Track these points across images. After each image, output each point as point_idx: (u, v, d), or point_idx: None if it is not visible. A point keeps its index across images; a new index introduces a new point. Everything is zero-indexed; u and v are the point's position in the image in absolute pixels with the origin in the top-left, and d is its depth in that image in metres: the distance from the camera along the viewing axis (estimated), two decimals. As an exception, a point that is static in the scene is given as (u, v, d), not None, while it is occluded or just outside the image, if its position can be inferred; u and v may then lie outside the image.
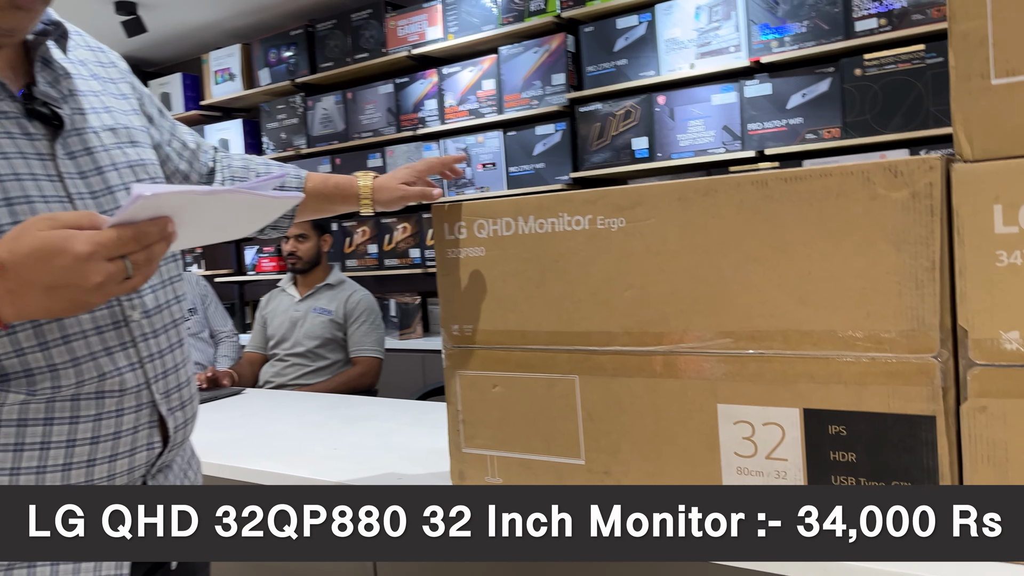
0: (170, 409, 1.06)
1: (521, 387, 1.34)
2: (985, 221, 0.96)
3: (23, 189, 0.92)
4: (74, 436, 0.94)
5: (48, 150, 0.97)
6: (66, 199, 0.97)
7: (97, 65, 1.13)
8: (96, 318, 0.97)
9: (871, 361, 1.05)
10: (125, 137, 1.08)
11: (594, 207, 1.25)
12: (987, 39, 0.95)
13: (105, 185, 1.02)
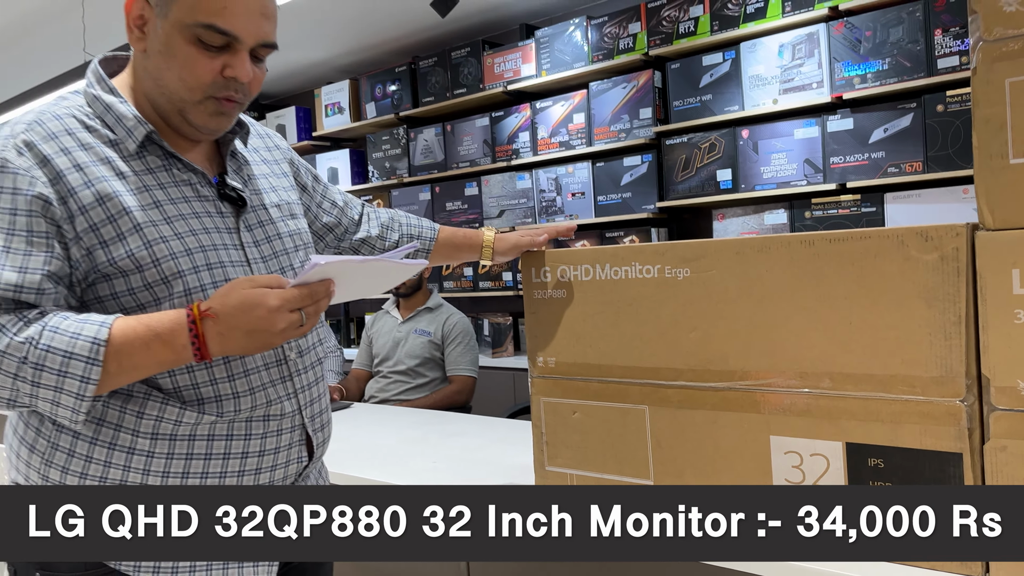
0: (314, 430, 1.28)
1: (598, 414, 1.51)
2: (1005, 283, 1.08)
3: (217, 256, 1.16)
4: (247, 449, 1.17)
5: (233, 225, 1.21)
6: (245, 263, 1.20)
7: (265, 150, 1.38)
8: (264, 356, 1.20)
9: (906, 402, 1.17)
10: (287, 211, 1.33)
11: (663, 258, 1.41)
12: (1006, 124, 1.08)
13: (272, 251, 1.26)
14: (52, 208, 1.06)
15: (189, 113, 1.16)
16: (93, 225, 1.09)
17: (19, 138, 1.08)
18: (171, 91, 1.15)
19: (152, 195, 1.14)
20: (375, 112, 5.13)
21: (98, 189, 1.09)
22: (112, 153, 1.13)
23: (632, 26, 3.83)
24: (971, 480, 1.13)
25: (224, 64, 1.13)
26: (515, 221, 4.41)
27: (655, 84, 3.78)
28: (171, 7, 1.11)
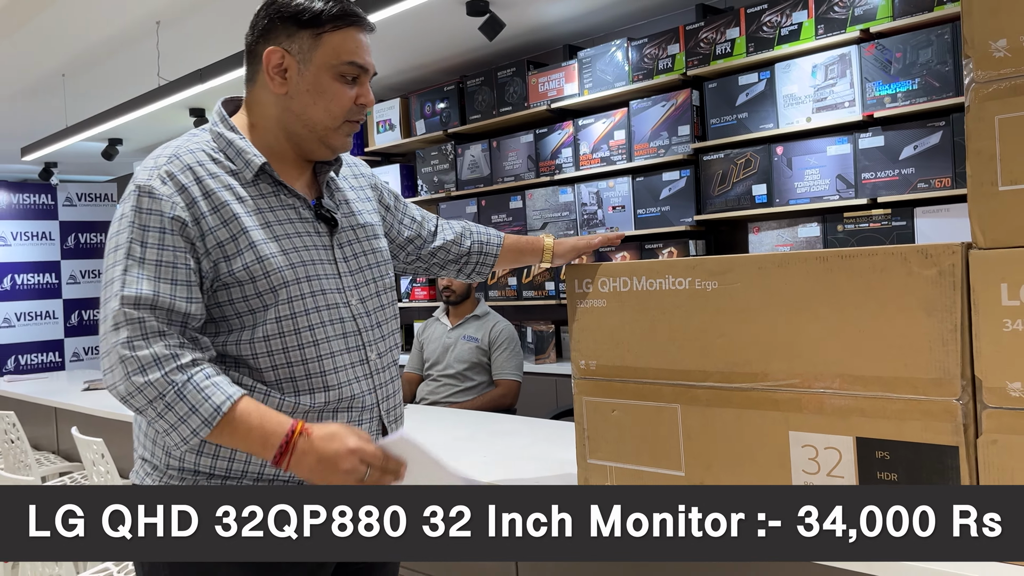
0: (389, 421, 1.49)
1: (634, 412, 1.66)
2: (994, 296, 1.22)
3: (315, 269, 1.38)
4: None
5: (328, 243, 1.42)
6: (337, 276, 1.41)
7: (352, 178, 1.60)
8: (350, 356, 1.40)
9: (908, 401, 1.31)
10: (370, 232, 1.53)
11: (693, 271, 1.57)
12: (995, 156, 1.22)
13: (358, 266, 1.47)
14: (188, 228, 1.28)
15: (330, 138, 1.40)
16: (219, 242, 1.31)
17: (162, 169, 1.30)
18: (316, 122, 1.39)
19: (264, 217, 1.36)
20: (424, 129, 5.34)
21: (223, 212, 1.32)
22: (233, 181, 1.35)
23: (671, 47, 3.99)
24: (966, 470, 1.26)
25: (357, 93, 1.40)
26: (558, 234, 4.58)
27: (693, 102, 3.92)
28: (314, 54, 1.37)
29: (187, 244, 1.29)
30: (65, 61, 4.67)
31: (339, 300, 1.41)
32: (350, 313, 1.42)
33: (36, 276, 9.20)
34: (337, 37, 1.37)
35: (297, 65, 1.37)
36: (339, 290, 1.42)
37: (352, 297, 1.44)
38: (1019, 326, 1.20)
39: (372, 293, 1.49)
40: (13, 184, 8.97)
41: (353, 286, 1.44)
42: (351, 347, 1.41)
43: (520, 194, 4.77)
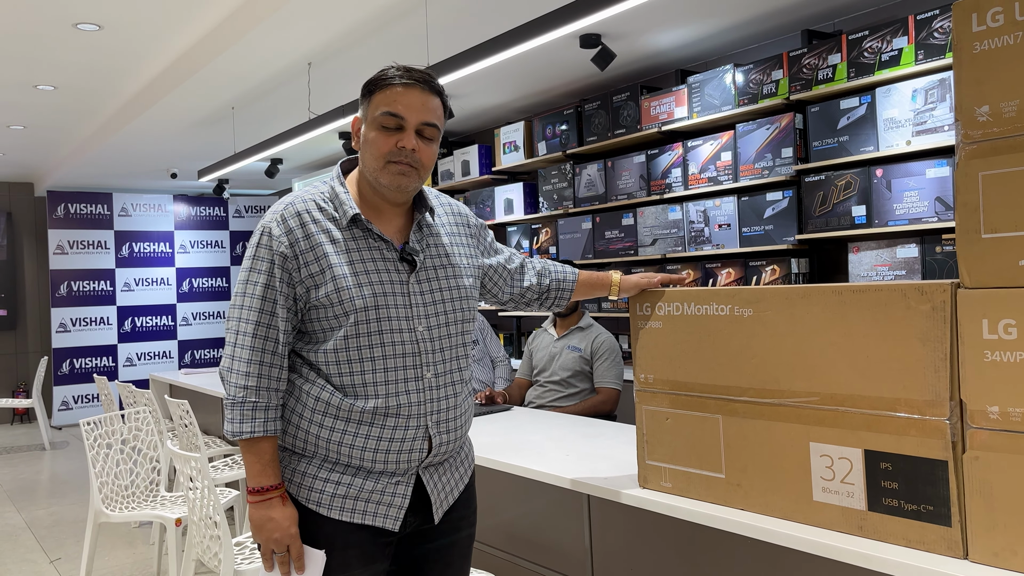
0: (436, 432, 1.67)
1: (684, 421, 1.89)
2: (977, 329, 1.37)
3: (384, 300, 1.63)
4: (381, 434, 1.63)
5: (406, 279, 1.67)
6: (408, 307, 1.65)
7: (452, 225, 1.83)
8: (405, 372, 1.64)
9: (906, 419, 1.48)
10: (452, 272, 1.74)
11: (733, 300, 1.78)
12: (979, 207, 1.37)
13: (432, 300, 1.69)
14: (288, 261, 1.62)
15: (379, 178, 1.65)
16: (311, 273, 1.62)
17: (279, 215, 1.65)
18: (368, 167, 1.66)
19: (350, 256, 1.64)
20: (545, 150, 5.65)
21: (317, 251, 1.63)
22: (332, 226, 1.66)
23: (775, 73, 4.09)
24: (953, 481, 1.42)
25: (397, 140, 1.62)
26: (666, 250, 4.76)
27: (796, 126, 4.01)
28: (368, 111, 1.66)
29: (286, 274, 1.62)
30: (234, 96, 5.32)
31: (404, 326, 1.64)
32: (413, 337, 1.65)
33: (209, 280, 10.24)
34: (380, 95, 1.63)
35: (363, 123, 1.68)
36: (407, 318, 1.65)
37: (419, 325, 1.66)
38: (997, 357, 1.35)
39: (442, 323, 1.70)
40: (192, 198, 10.04)
41: (423, 316, 1.67)
42: (408, 365, 1.64)
43: (632, 211, 4.98)
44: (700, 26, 4.24)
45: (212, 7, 4.06)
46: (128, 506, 3.49)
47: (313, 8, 3.74)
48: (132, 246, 9.70)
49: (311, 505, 1.64)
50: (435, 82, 1.67)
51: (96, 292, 9.46)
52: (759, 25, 4.24)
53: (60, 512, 5.26)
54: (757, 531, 1.68)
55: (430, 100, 1.65)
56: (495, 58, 3.63)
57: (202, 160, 7.63)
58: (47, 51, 4.61)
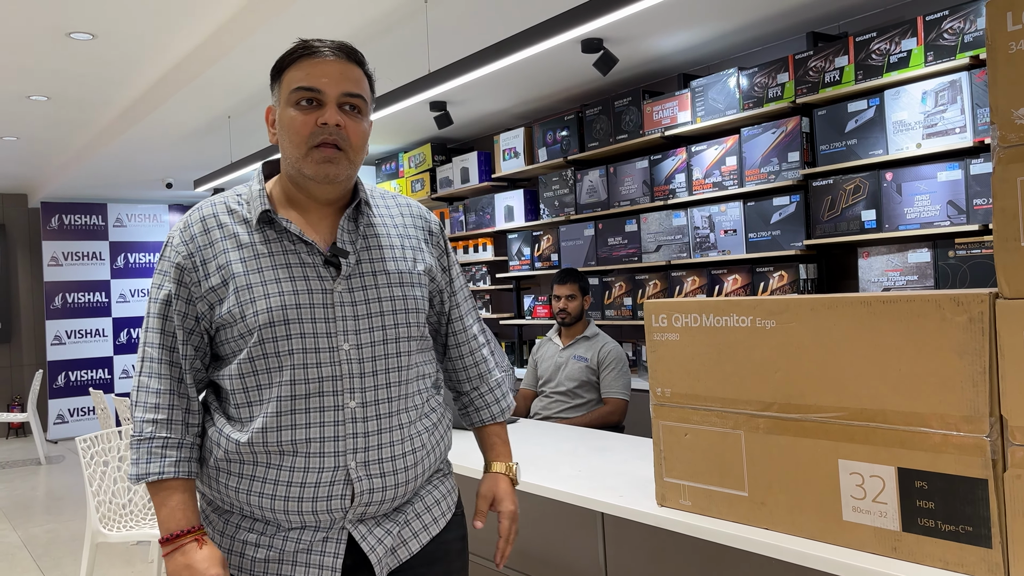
0: (359, 477, 1.37)
1: (704, 436, 1.82)
2: (1019, 342, 1.31)
3: (299, 313, 1.37)
4: (291, 479, 1.37)
5: (330, 287, 1.39)
6: (332, 320, 1.38)
7: (402, 226, 1.53)
8: (322, 400, 1.36)
9: (943, 436, 1.41)
10: (395, 279, 1.45)
11: (754, 310, 1.72)
12: (1018, 214, 1.31)
13: (367, 312, 1.41)
14: (185, 274, 1.39)
15: (303, 168, 1.38)
16: (212, 287, 1.39)
17: (183, 221, 1.44)
18: (289, 156, 1.40)
19: (260, 262, 1.39)
20: (546, 156, 5.60)
21: (219, 259, 1.39)
22: (241, 229, 1.41)
23: (780, 76, 4.04)
24: (994, 501, 1.35)
25: (317, 116, 1.37)
26: (671, 256, 4.70)
27: (802, 129, 3.96)
28: (279, 94, 1.42)
29: (184, 289, 1.39)
30: (230, 106, 5.25)
31: (323, 344, 1.37)
32: (334, 358, 1.37)
33: (205, 290, 10.16)
34: (290, 73, 1.40)
35: (275, 109, 1.44)
36: (328, 334, 1.37)
37: (344, 342, 1.38)
38: (1040, 371, 1.29)
39: (376, 340, 1.41)
40: (187, 207, 9.98)
41: (352, 331, 1.39)
42: (324, 391, 1.36)
43: (635, 218, 4.92)
44: (703, 29, 4.19)
45: (207, 16, 4.00)
46: (126, 525, 3.41)
47: (310, 16, 3.68)
48: (127, 257, 9.63)
49: (240, 574, 1.42)
50: (352, 48, 1.44)
51: (91, 304, 9.38)
52: (763, 28, 4.19)
53: (57, 529, 5.17)
54: (784, 552, 1.62)
55: (350, 69, 1.41)
56: (497, 64, 3.58)
57: (198, 170, 7.57)
58: (40, 61, 4.54)
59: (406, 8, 3.66)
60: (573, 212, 5.41)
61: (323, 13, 3.67)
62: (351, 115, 1.41)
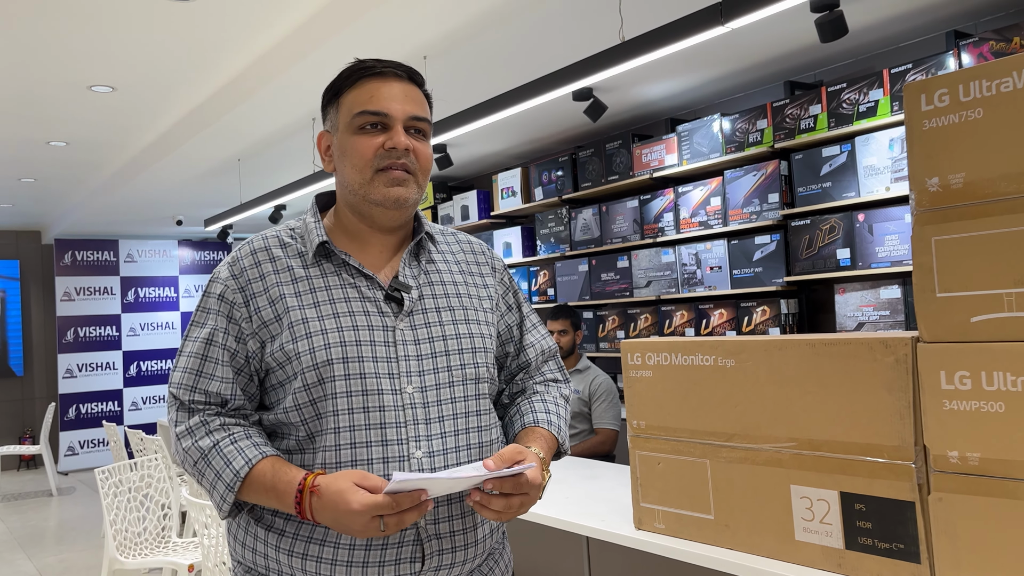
0: (428, 537, 1.24)
1: (675, 465, 2.00)
2: (935, 380, 1.50)
3: (359, 351, 1.25)
4: (355, 542, 1.23)
5: (392, 324, 1.28)
6: (394, 360, 1.26)
7: (466, 264, 1.43)
8: (385, 454, 1.22)
9: (877, 463, 1.59)
10: (460, 316, 1.34)
11: (716, 351, 1.90)
12: (932, 269, 1.50)
13: (432, 351, 1.29)
14: (235, 309, 1.28)
15: (369, 194, 1.28)
16: (264, 323, 1.27)
17: (232, 256, 1.34)
18: (351, 183, 1.30)
19: (316, 296, 1.27)
20: (542, 195, 5.81)
21: (271, 293, 1.27)
22: (296, 263, 1.30)
23: (760, 122, 4.26)
24: (920, 521, 1.53)
25: (384, 139, 1.28)
26: (660, 291, 4.89)
27: (781, 172, 4.17)
28: (337, 119, 1.32)
29: (233, 326, 1.27)
30: (241, 149, 5.49)
31: (386, 386, 1.24)
32: (398, 402, 1.24)
33: (213, 323, 10.35)
34: (351, 95, 1.30)
35: (332, 137, 1.34)
36: (390, 376, 1.25)
37: (408, 385, 1.26)
38: (955, 406, 1.47)
39: (442, 382, 1.29)
40: (196, 243, 10.21)
41: (416, 372, 1.27)
42: (388, 440, 1.23)
43: (627, 254, 5.12)
44: (688, 78, 4.42)
45: (221, 70, 4.24)
46: (141, 553, 3.57)
47: (317, 71, 3.91)
48: (138, 291, 9.83)
49: None
50: (413, 69, 1.35)
51: (102, 337, 9.56)
52: (744, 76, 4.42)
53: (70, 559, 5.31)
54: (745, 570, 1.79)
55: (413, 90, 1.33)
56: (493, 117, 3.80)
57: (207, 207, 7.80)
58: (61, 111, 4.78)
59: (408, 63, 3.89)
60: (568, 248, 5.61)
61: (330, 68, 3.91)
62: (417, 137, 1.32)
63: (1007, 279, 1.40)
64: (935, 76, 1.50)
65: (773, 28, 3.61)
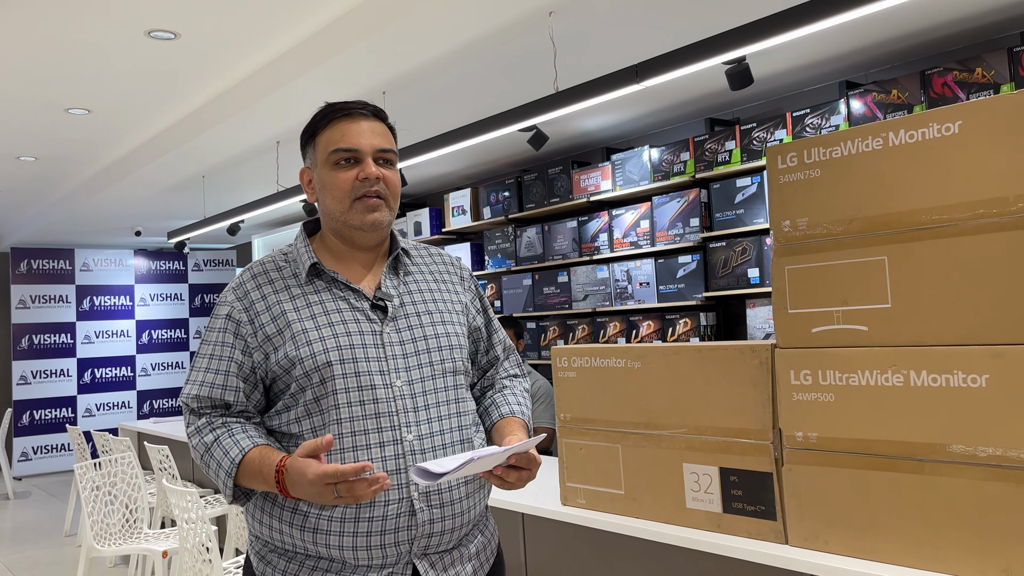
0: (428, 506, 1.42)
1: (593, 450, 2.37)
2: (787, 378, 1.90)
3: (353, 353, 1.44)
4: (359, 515, 1.40)
5: (380, 329, 1.47)
6: (383, 359, 1.44)
7: (439, 272, 1.62)
8: (380, 435, 1.41)
9: (746, 443, 1.99)
10: (437, 319, 1.53)
11: (627, 355, 2.29)
12: (785, 291, 1.91)
13: (415, 350, 1.48)
14: (241, 327, 1.46)
15: (350, 220, 1.48)
16: (268, 336, 1.45)
17: (235, 281, 1.52)
18: (333, 212, 1.49)
19: (312, 310, 1.45)
20: (490, 214, 6.18)
21: (273, 310, 1.46)
22: (292, 283, 1.50)
23: (683, 154, 4.71)
24: (777, 488, 1.93)
25: (357, 171, 1.47)
26: (596, 304, 5.30)
27: (702, 199, 4.62)
28: (315, 157, 1.51)
29: (239, 341, 1.46)
30: (206, 167, 5.74)
31: (378, 382, 1.43)
32: (389, 395, 1.43)
33: (169, 331, 10.45)
34: (325, 135, 1.49)
35: (313, 173, 1.53)
36: (381, 372, 1.43)
37: (396, 379, 1.44)
38: (800, 397, 1.87)
39: (426, 376, 1.48)
40: (152, 253, 10.31)
41: (403, 368, 1.45)
42: (382, 427, 1.41)
43: (566, 270, 5.52)
44: (621, 112, 4.84)
45: (192, 99, 4.52)
46: (115, 542, 3.81)
47: (285, 103, 4.22)
48: (93, 300, 9.89)
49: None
50: (376, 107, 1.55)
51: (57, 345, 9.60)
52: (671, 113, 4.87)
53: (36, 556, 5.47)
54: (648, 533, 2.16)
55: (378, 126, 1.52)
56: (447, 148, 4.17)
57: (168, 219, 7.98)
58: (37, 129, 4.98)
59: (368, 94, 4.23)
60: (513, 264, 5.98)
61: (289, 107, 4.22)
62: (385, 167, 1.51)
63: (836, 299, 1.81)
64: (790, 142, 1.91)
65: (696, 72, 4.05)
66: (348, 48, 3.45)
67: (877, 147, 1.77)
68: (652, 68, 2.77)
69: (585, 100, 3.06)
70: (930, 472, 1.66)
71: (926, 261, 1.68)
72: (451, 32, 3.31)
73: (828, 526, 1.82)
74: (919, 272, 1.69)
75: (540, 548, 2.68)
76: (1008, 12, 3.46)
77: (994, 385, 1.58)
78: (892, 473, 1.72)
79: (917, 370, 1.68)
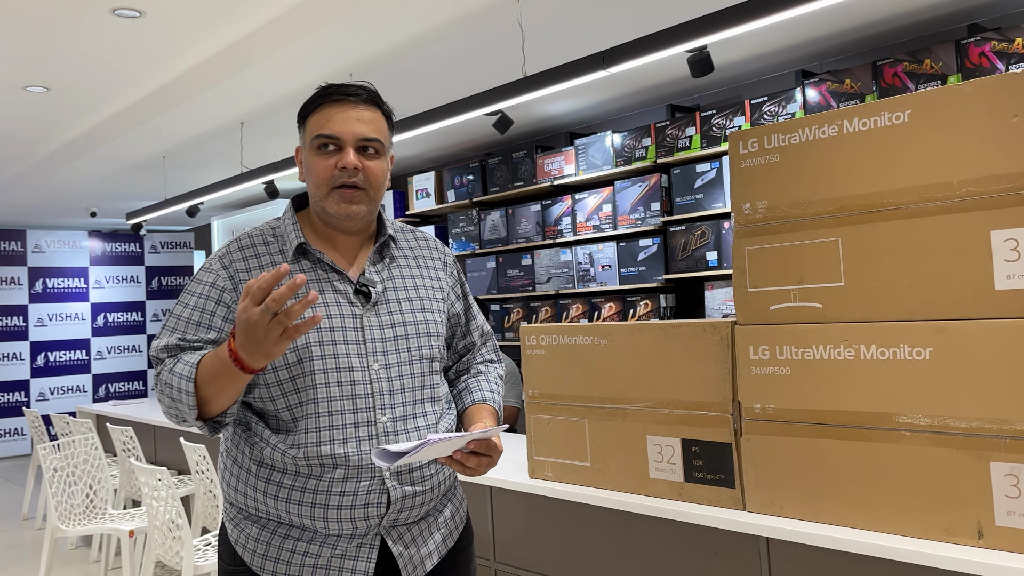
0: (394, 486, 1.44)
1: (560, 424, 2.45)
2: (746, 353, 1.99)
3: (332, 336, 1.45)
4: (330, 488, 1.42)
5: (360, 312, 1.48)
6: (361, 342, 1.46)
7: (423, 258, 1.63)
8: (355, 416, 1.43)
9: (707, 415, 2.08)
10: (416, 305, 1.55)
11: (593, 333, 2.36)
12: (745, 270, 2.00)
13: (393, 335, 1.50)
14: (225, 294, 1.46)
15: (327, 207, 1.47)
16: None
17: (221, 251, 1.52)
18: (314, 196, 1.50)
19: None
20: (454, 197, 6.22)
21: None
22: (278, 260, 1.49)
23: (645, 140, 4.80)
24: (735, 457, 2.03)
25: (336, 160, 1.45)
26: (559, 287, 5.38)
27: (662, 184, 4.72)
28: (304, 138, 1.51)
29: (221, 308, 1.46)
30: (167, 148, 5.67)
31: (356, 364, 1.45)
32: (366, 377, 1.45)
33: (125, 314, 10.29)
34: (314, 117, 1.48)
35: (303, 152, 1.53)
36: (359, 355, 1.45)
37: (374, 362, 1.46)
38: (759, 371, 1.97)
39: (402, 360, 1.50)
40: (107, 234, 10.12)
41: (381, 352, 1.48)
42: (358, 408, 1.44)
43: (530, 253, 5.59)
44: (585, 98, 4.91)
45: (154, 77, 4.46)
46: (79, 522, 3.80)
47: (251, 83, 4.20)
48: (46, 282, 9.69)
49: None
50: (371, 92, 1.51)
51: (8, 328, 9.39)
52: (633, 99, 4.95)
53: (-7, 539, 5.39)
54: (613, 503, 2.25)
55: (366, 113, 1.48)
56: (413, 132, 4.19)
57: (125, 200, 7.84)
58: (-8, 107, 4.88)
59: (334, 75, 4.23)
60: (478, 247, 6.03)
61: (255, 87, 4.20)
62: (368, 156, 1.47)
63: (792, 278, 1.91)
64: (751, 128, 2.00)
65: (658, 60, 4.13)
66: (316, 30, 3.45)
67: (833, 134, 1.86)
68: (618, 55, 2.83)
69: (553, 85, 3.11)
70: (877, 439, 1.77)
71: (876, 242, 1.79)
72: (420, 16, 3.34)
73: (783, 492, 1.93)
74: (870, 252, 1.80)
75: (508, 520, 2.76)
76: (956, 6, 3.60)
77: (937, 358, 1.69)
78: (842, 441, 1.83)
79: (867, 344, 1.79)
